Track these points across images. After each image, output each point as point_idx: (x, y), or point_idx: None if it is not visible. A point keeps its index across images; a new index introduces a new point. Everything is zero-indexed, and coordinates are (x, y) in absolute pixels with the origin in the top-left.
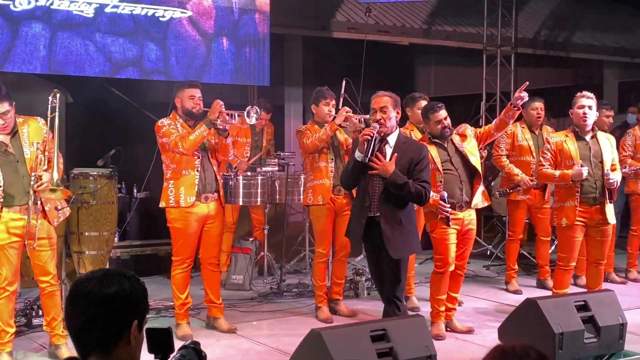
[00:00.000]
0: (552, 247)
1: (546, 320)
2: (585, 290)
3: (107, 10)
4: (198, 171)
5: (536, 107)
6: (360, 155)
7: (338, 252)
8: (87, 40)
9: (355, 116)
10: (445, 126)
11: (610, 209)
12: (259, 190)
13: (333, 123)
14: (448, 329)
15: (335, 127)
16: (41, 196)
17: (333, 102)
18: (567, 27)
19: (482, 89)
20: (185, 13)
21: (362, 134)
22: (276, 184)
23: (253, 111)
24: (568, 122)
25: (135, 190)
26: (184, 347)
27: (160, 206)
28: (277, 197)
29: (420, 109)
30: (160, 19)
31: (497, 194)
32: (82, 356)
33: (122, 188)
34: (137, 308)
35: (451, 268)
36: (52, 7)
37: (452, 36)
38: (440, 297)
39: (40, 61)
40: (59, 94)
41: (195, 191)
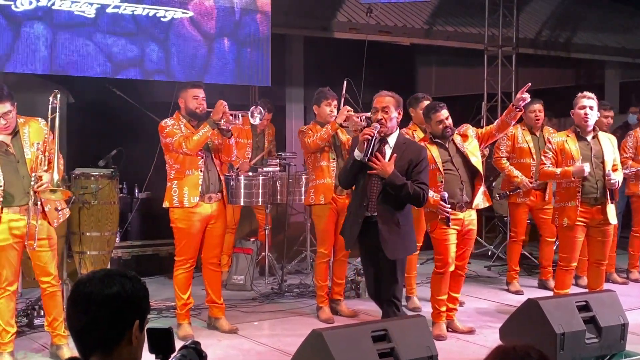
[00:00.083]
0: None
1: (547, 320)
2: (586, 290)
3: (109, 10)
4: (202, 171)
5: (534, 110)
6: (359, 154)
7: (338, 252)
8: (89, 40)
9: (356, 115)
10: (446, 126)
11: (611, 209)
12: (260, 190)
13: (334, 122)
14: (449, 330)
15: (336, 127)
16: (41, 197)
17: (335, 103)
18: (569, 28)
19: (483, 90)
20: (186, 13)
21: (362, 134)
22: (277, 184)
23: (257, 111)
24: (569, 123)
25: (136, 190)
26: (185, 347)
27: (163, 206)
28: (279, 198)
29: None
30: (161, 20)
31: (498, 197)
32: (84, 356)
33: (124, 188)
34: (139, 308)
35: (451, 268)
36: (54, 8)
37: (453, 36)
38: (440, 298)
39: (41, 61)
40: (60, 95)
41: (199, 191)
